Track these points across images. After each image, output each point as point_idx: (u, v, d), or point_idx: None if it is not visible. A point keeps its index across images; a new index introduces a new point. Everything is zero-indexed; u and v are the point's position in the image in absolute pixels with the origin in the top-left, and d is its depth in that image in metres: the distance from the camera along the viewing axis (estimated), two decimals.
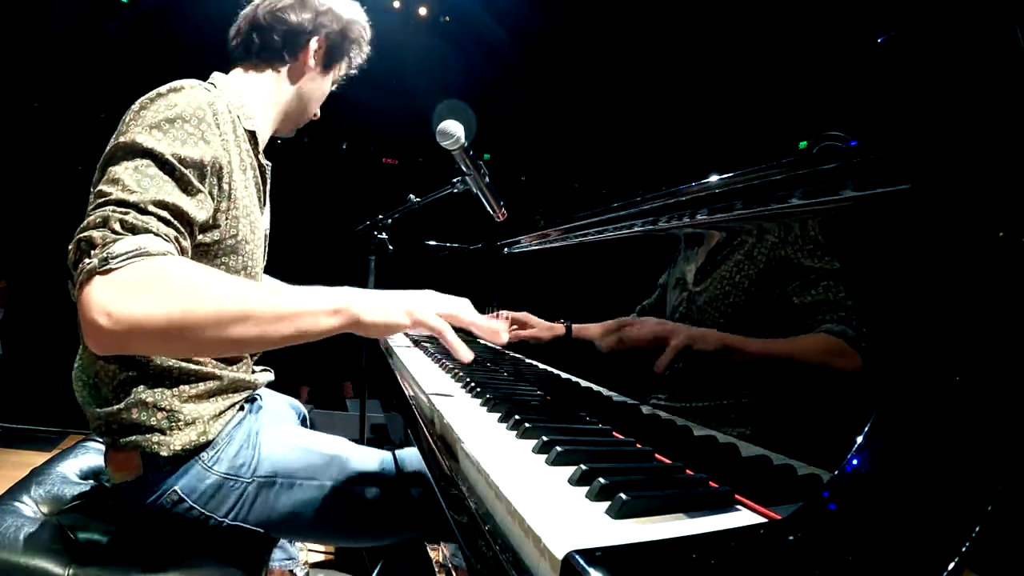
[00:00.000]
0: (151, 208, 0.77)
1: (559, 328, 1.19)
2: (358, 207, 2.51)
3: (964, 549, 0.36)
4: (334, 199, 5.42)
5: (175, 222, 0.80)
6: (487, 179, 1.50)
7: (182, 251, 0.81)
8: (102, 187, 0.79)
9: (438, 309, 0.86)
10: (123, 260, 0.70)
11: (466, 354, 0.86)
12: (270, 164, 1.22)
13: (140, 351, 0.85)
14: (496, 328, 0.91)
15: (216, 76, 1.10)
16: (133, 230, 0.74)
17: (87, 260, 0.71)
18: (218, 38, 1.17)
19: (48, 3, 4.24)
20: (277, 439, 1.08)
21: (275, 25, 1.11)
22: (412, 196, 1.94)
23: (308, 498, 1.03)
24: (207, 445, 0.97)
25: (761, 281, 0.70)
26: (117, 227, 0.73)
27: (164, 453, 0.93)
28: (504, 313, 1.47)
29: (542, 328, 1.28)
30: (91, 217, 0.75)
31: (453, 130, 1.40)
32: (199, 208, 0.85)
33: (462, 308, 0.89)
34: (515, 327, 1.35)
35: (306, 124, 1.26)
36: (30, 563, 0.86)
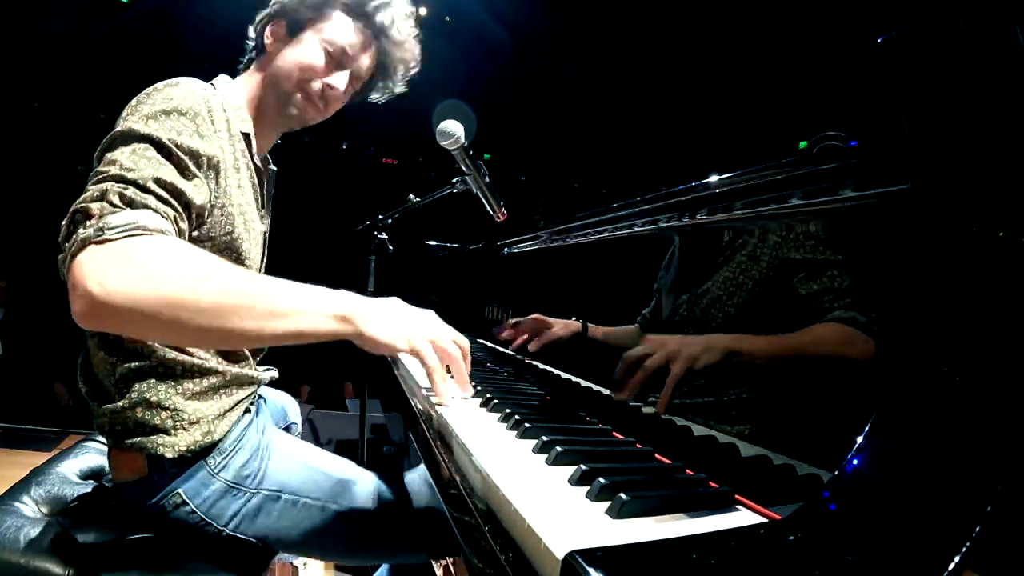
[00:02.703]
0: (150, 185, 0.76)
1: (575, 325, 1.19)
2: (358, 207, 2.50)
3: (964, 549, 0.36)
4: (334, 199, 5.41)
5: (173, 202, 0.79)
6: (487, 179, 1.50)
7: (179, 232, 0.79)
8: (99, 168, 0.78)
9: (437, 340, 0.84)
10: (120, 232, 0.68)
11: (445, 398, 0.85)
12: (275, 169, 1.22)
13: (126, 330, 0.81)
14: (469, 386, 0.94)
15: (220, 78, 1.10)
16: (131, 204, 0.72)
17: (82, 230, 0.69)
18: (218, 39, 1.17)
19: (48, 3, 4.24)
20: (285, 454, 1.07)
21: (254, 29, 1.13)
22: (412, 196, 1.94)
23: (310, 517, 1.02)
24: (213, 447, 0.96)
25: (764, 281, 0.70)
26: (115, 200, 0.72)
27: (169, 455, 0.91)
28: (515, 321, 1.47)
29: (559, 327, 1.28)
30: (88, 192, 0.73)
31: (453, 130, 1.40)
32: (197, 191, 0.85)
33: (456, 352, 0.88)
34: (533, 337, 1.35)
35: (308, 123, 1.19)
36: (30, 564, 0.86)
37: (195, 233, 0.92)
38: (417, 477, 1.13)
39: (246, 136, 1.04)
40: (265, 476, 1.01)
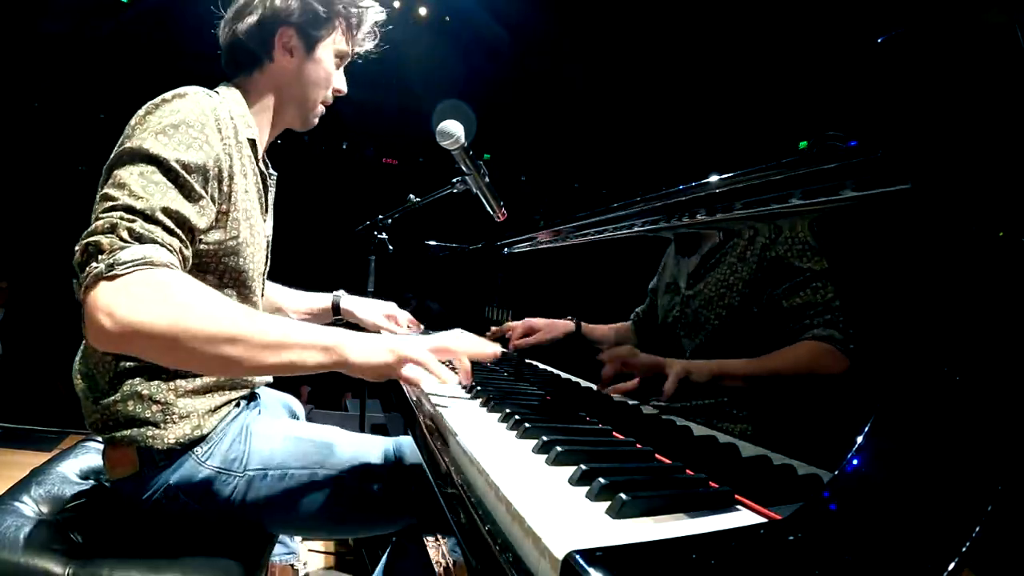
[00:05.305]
0: (158, 215, 0.81)
1: (569, 324, 1.19)
2: (358, 207, 2.51)
3: (964, 549, 0.36)
4: (334, 199, 5.41)
5: (178, 231, 0.84)
6: (487, 179, 1.50)
7: (184, 260, 0.85)
8: (109, 191, 0.81)
9: (428, 345, 0.90)
10: (129, 268, 0.74)
11: (446, 377, 0.88)
12: (276, 174, 1.23)
13: (138, 354, 0.88)
14: (489, 352, 0.97)
15: (223, 87, 1.10)
16: (140, 239, 0.78)
17: (94, 264, 0.74)
18: (218, 39, 1.16)
19: (48, 3, 4.24)
20: (269, 432, 1.08)
21: (241, 38, 1.09)
22: (412, 196, 1.94)
23: (300, 488, 1.02)
24: (201, 440, 0.98)
25: (754, 283, 0.70)
26: (124, 235, 0.77)
27: (158, 446, 0.94)
28: (513, 325, 1.46)
29: (551, 327, 1.28)
30: (99, 222, 0.78)
31: (453, 130, 1.40)
32: (200, 215, 0.88)
33: (453, 341, 0.94)
34: (523, 336, 1.35)
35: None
36: (30, 563, 0.86)
37: (206, 238, 0.94)
38: (409, 442, 1.11)
39: (252, 142, 1.06)
40: (250, 457, 1.02)
